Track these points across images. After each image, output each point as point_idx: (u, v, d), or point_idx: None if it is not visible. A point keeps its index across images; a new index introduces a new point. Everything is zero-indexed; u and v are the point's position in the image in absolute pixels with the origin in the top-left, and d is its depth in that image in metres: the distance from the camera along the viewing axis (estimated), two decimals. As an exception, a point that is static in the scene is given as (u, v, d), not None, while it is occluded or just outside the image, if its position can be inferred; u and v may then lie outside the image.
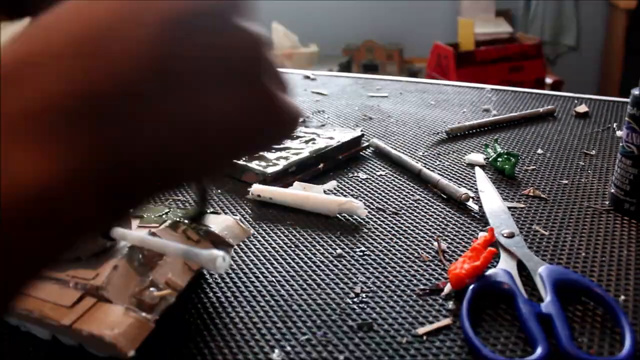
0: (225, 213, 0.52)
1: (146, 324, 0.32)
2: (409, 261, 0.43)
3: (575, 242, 0.44)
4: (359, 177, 0.59)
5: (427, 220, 0.49)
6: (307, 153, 0.59)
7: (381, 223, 0.49)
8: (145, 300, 0.33)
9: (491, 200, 0.50)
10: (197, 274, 0.37)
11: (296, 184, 0.55)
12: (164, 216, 0.40)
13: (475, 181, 0.55)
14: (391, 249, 0.45)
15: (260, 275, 0.42)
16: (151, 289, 0.34)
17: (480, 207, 0.50)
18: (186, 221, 0.39)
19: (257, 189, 0.53)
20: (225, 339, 0.36)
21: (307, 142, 0.63)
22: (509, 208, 0.49)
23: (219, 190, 0.58)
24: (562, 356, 0.32)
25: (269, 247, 0.46)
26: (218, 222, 0.40)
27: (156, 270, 0.35)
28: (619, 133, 0.66)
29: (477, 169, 0.57)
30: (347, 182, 0.58)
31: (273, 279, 0.42)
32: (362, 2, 3.02)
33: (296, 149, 0.61)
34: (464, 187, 0.54)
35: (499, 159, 0.57)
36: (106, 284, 0.33)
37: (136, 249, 0.35)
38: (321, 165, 0.60)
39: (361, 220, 0.49)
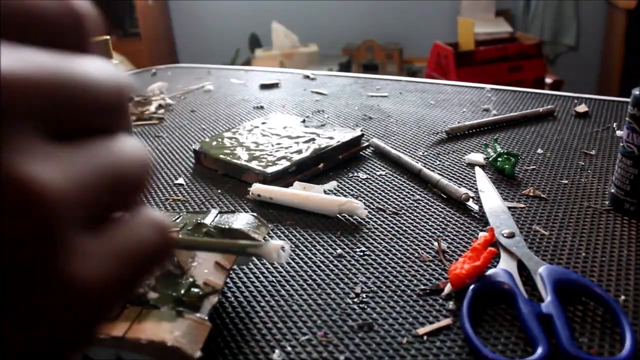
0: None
1: (203, 324, 0.32)
2: (409, 261, 0.43)
3: (575, 242, 0.44)
4: (359, 177, 0.59)
5: (427, 220, 0.49)
6: (307, 153, 0.59)
7: (381, 223, 0.49)
8: (192, 302, 0.32)
9: (491, 200, 0.50)
10: (228, 273, 0.37)
11: (296, 184, 0.55)
12: (177, 221, 0.39)
13: (475, 181, 0.55)
14: (391, 249, 0.45)
15: (260, 275, 0.42)
16: (193, 289, 0.33)
17: (480, 207, 0.50)
18: (206, 222, 0.39)
19: (257, 188, 0.53)
20: (225, 339, 0.36)
21: (307, 142, 0.63)
22: (509, 208, 0.49)
23: (219, 190, 0.58)
24: (563, 356, 0.32)
25: (269, 247, 0.46)
26: (238, 220, 0.40)
27: (191, 273, 0.34)
28: (618, 133, 0.66)
29: (477, 168, 0.57)
30: (347, 182, 0.58)
31: (273, 279, 0.42)
32: (362, 2, 3.02)
33: (296, 148, 0.61)
34: (464, 187, 0.54)
35: (499, 159, 0.57)
36: (148, 290, 0.32)
37: None
38: (321, 165, 0.60)
39: (361, 220, 0.49)
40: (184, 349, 0.29)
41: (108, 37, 0.75)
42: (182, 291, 0.32)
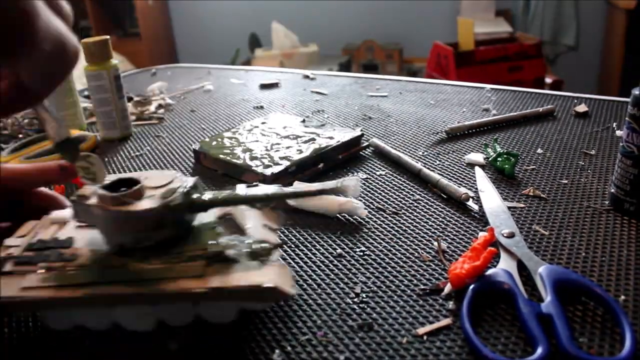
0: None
1: (284, 267, 0.35)
2: (409, 261, 0.43)
3: (575, 242, 0.44)
4: (358, 177, 0.59)
5: (427, 220, 0.49)
6: (307, 153, 0.59)
7: (381, 223, 0.49)
8: (265, 254, 0.35)
9: (491, 200, 0.50)
10: (277, 232, 0.40)
11: (296, 183, 0.55)
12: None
13: (475, 181, 0.55)
14: (391, 249, 0.45)
15: (260, 275, 0.42)
16: (261, 244, 0.36)
17: (480, 207, 0.50)
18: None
19: (257, 188, 0.53)
20: (225, 340, 0.36)
21: (307, 142, 0.63)
22: (509, 208, 0.49)
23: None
24: (563, 356, 0.32)
25: (269, 247, 0.46)
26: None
27: (250, 234, 0.37)
28: (618, 133, 0.66)
29: (477, 168, 0.57)
30: (347, 182, 0.58)
31: (273, 279, 0.42)
32: (362, 2, 3.02)
33: (296, 148, 0.61)
34: (464, 187, 0.54)
35: (499, 159, 0.57)
36: (226, 246, 0.35)
37: (227, 219, 0.38)
38: (321, 165, 0.60)
39: (361, 220, 0.49)
40: (282, 288, 0.33)
41: (108, 37, 0.75)
42: (254, 246, 0.35)
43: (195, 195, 0.36)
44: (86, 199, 0.35)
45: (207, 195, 0.37)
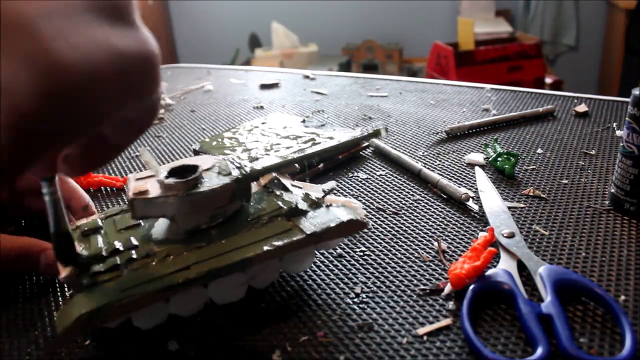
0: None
1: (347, 208, 0.39)
2: (409, 261, 0.43)
3: (575, 242, 0.44)
4: (358, 177, 0.59)
5: (427, 220, 0.49)
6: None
7: (381, 223, 0.49)
8: (320, 202, 0.40)
9: (491, 200, 0.50)
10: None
11: (295, 182, 0.55)
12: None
13: (475, 181, 0.55)
14: (391, 249, 0.45)
15: (260, 276, 0.42)
16: (313, 195, 0.40)
17: (480, 207, 0.50)
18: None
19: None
20: (226, 340, 0.36)
21: (307, 142, 0.63)
22: (509, 208, 0.49)
23: (219, 190, 0.58)
24: (563, 356, 0.32)
25: (269, 247, 0.46)
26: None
27: (294, 190, 0.42)
28: (618, 133, 0.66)
29: (477, 168, 0.57)
30: (346, 182, 0.58)
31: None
32: (362, 2, 3.02)
33: (296, 149, 0.61)
34: (464, 187, 0.54)
35: (499, 159, 0.57)
36: (295, 202, 0.39)
37: (273, 183, 0.43)
38: (321, 165, 0.60)
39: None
40: (359, 219, 0.38)
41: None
42: (310, 197, 0.40)
43: (252, 166, 0.40)
44: (148, 193, 0.35)
45: (259, 164, 0.41)
